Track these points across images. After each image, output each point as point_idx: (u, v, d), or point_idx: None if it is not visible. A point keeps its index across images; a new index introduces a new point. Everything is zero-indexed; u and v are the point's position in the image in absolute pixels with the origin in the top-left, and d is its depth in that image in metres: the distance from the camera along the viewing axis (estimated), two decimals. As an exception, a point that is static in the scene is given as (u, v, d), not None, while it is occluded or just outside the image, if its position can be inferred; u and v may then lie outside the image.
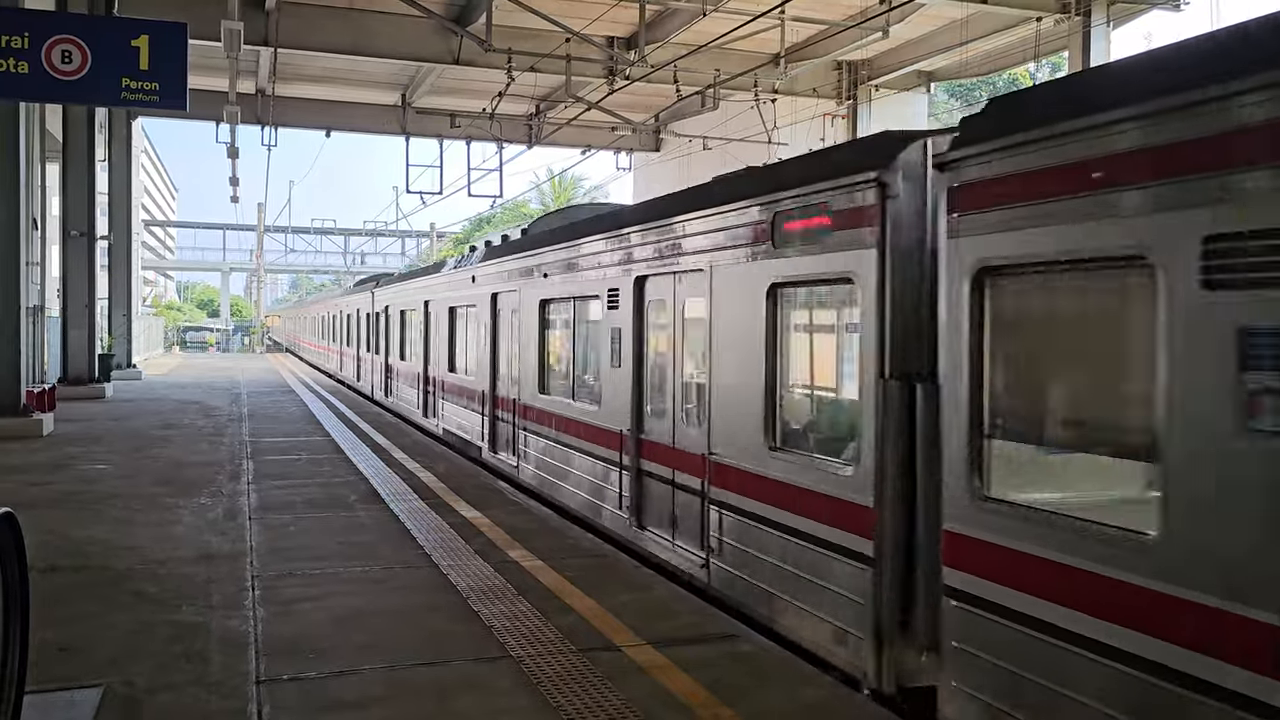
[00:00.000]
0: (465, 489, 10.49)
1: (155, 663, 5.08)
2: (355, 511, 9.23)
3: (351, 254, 77.68)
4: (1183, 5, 18.87)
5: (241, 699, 4.62)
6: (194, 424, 16.88)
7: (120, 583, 6.63)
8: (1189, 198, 3.52)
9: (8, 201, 14.74)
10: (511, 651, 5.31)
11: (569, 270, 10.46)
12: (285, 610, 6.03)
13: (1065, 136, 4.09)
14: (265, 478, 11.07)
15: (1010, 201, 4.38)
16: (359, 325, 27.96)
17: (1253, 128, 3.32)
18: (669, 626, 5.80)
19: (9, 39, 11.64)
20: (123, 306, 29.07)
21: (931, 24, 21.23)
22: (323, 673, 4.98)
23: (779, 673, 5.10)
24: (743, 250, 6.78)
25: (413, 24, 21.14)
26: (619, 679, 4.92)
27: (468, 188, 28.72)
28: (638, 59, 19.45)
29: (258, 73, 25.49)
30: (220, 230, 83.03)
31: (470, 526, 8.55)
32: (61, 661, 5.05)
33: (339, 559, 7.35)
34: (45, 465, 11.94)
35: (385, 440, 14.76)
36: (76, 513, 9.00)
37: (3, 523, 3.57)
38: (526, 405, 11.77)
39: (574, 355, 10.83)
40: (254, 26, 19.96)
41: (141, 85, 12.19)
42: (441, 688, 4.81)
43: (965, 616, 4.55)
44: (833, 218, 5.76)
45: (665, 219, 8.08)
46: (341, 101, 29.04)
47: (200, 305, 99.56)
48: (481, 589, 6.53)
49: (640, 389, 8.61)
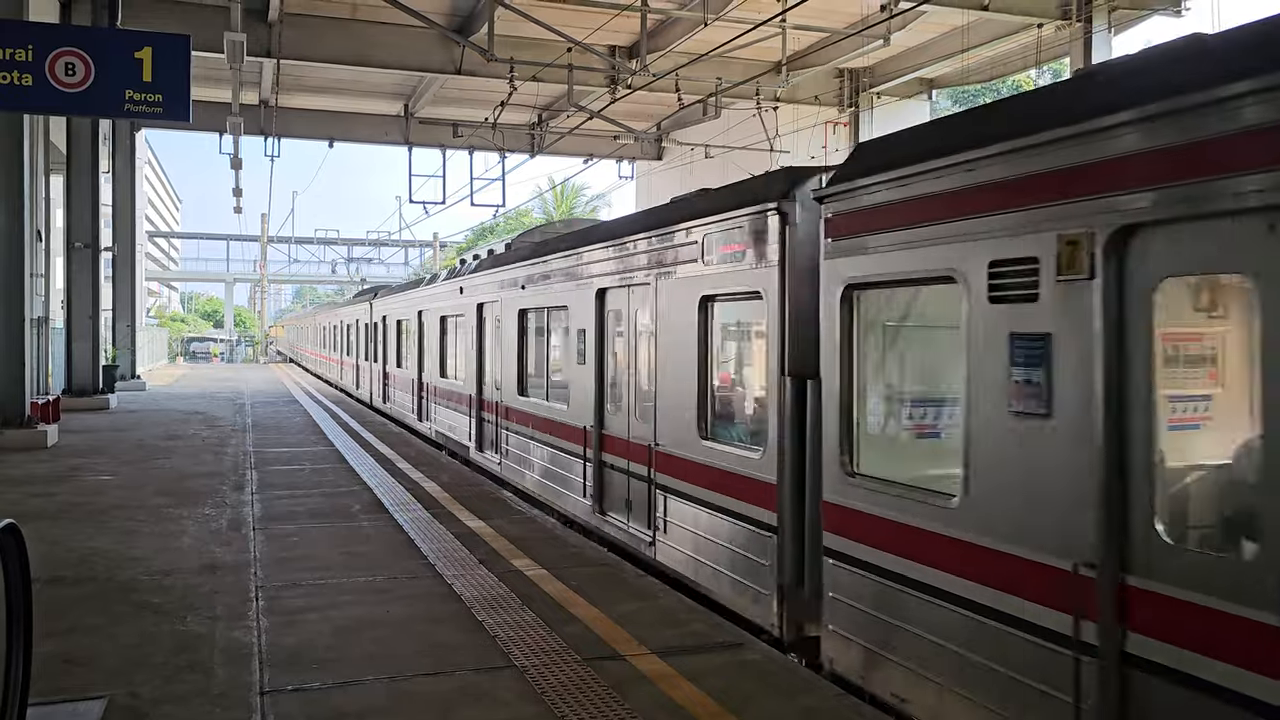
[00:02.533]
0: (468, 499, 10.48)
1: (159, 674, 5.07)
2: (359, 521, 9.22)
3: (354, 263, 77.76)
4: (1184, 10, 18.88)
5: (245, 710, 4.61)
6: (198, 434, 16.89)
7: (124, 594, 6.62)
8: (979, 230, 4.54)
9: (12, 213, 14.77)
10: (516, 661, 5.29)
11: (543, 282, 11.44)
12: (289, 621, 6.02)
13: (895, 181, 5.17)
14: (269, 488, 11.07)
15: (866, 231, 5.40)
16: (358, 335, 28.90)
17: (989, 185, 4.51)
18: (674, 635, 5.78)
19: (13, 51, 11.69)
20: (126, 318, 29.06)
21: (933, 31, 21.23)
22: (326, 683, 4.97)
23: (783, 680, 5.08)
24: (680, 267, 7.86)
25: (415, 34, 21.20)
26: (624, 688, 4.90)
27: (470, 197, 28.80)
28: (639, 68, 19.49)
29: (260, 84, 25.56)
30: (224, 241, 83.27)
31: (474, 536, 8.55)
32: (65, 673, 5.04)
33: (343, 569, 7.34)
34: (49, 476, 11.94)
35: (389, 450, 14.76)
36: (80, 524, 8.99)
37: (6, 534, 3.56)
38: (508, 407, 12.79)
39: (547, 360, 11.82)
40: (256, 38, 20.03)
41: (145, 97, 12.24)
42: (445, 698, 4.79)
43: (838, 572, 5.58)
44: (746, 241, 6.81)
45: (620, 238, 9.10)
46: (344, 112, 29.10)
47: (204, 316, 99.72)
48: (485, 599, 6.52)
49: (601, 390, 9.58)
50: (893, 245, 5.18)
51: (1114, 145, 3.85)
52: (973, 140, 4.62)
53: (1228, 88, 3.40)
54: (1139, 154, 3.75)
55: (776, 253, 6.40)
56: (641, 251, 8.60)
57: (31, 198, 15.44)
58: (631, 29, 20.88)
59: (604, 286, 9.45)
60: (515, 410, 12.45)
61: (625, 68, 21.14)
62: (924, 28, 20.80)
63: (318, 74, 24.55)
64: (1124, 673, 3.81)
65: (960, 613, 4.57)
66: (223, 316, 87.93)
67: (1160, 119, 3.65)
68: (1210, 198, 3.45)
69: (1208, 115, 3.48)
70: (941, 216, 4.81)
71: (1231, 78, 3.40)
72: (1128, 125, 3.79)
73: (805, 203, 6.22)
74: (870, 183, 5.36)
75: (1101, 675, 3.87)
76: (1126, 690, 3.80)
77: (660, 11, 20.04)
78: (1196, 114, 3.52)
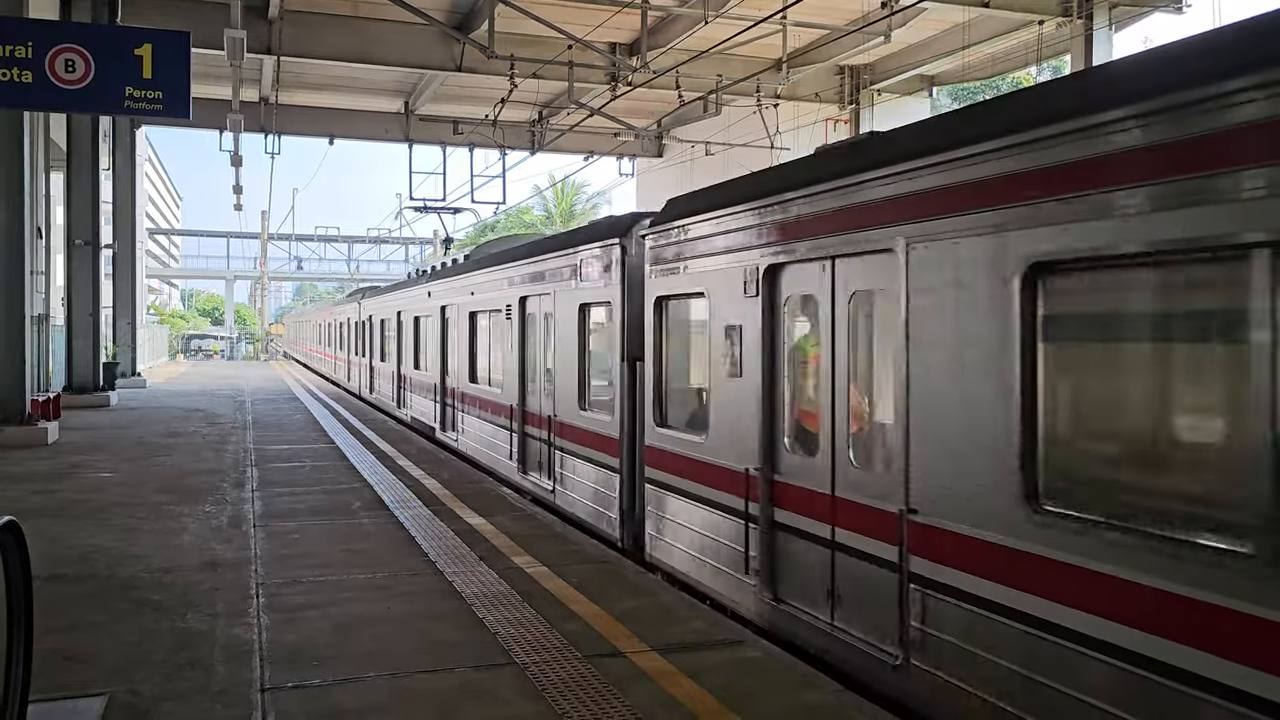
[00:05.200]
0: (469, 496, 10.48)
1: (160, 671, 5.07)
2: (359, 518, 9.22)
3: (354, 261, 77.70)
4: (1184, 7, 18.85)
5: (246, 707, 4.61)
6: (198, 431, 16.89)
7: (125, 591, 6.63)
8: (715, 265, 7.21)
9: (12, 210, 14.77)
10: (516, 658, 5.29)
11: (484, 290, 14.10)
12: (289, 618, 6.02)
13: (678, 229, 7.82)
14: (269, 485, 11.07)
15: (667, 261, 8.08)
16: (349, 332, 31.54)
17: (717, 234, 7.21)
18: (675, 632, 5.78)
19: (13, 48, 11.69)
20: (127, 315, 29.05)
21: (933, 28, 21.22)
22: (327, 681, 4.97)
23: (784, 677, 5.08)
24: (567, 281, 10.53)
25: (415, 31, 21.18)
26: (625, 685, 4.90)
27: (470, 194, 28.77)
28: (640, 65, 19.48)
29: (261, 81, 25.54)
30: (224, 238, 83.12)
31: (474, 533, 8.55)
32: (66, 670, 5.04)
33: (343, 566, 7.35)
34: (50, 473, 11.95)
35: (389, 447, 14.76)
36: (81, 521, 8.99)
37: (7, 531, 3.56)
38: (463, 392, 15.36)
39: (489, 354, 14.24)
40: (257, 35, 20.03)
41: (145, 94, 12.24)
42: (446, 695, 4.79)
43: (652, 491, 8.23)
44: (602, 264, 9.54)
45: (534, 257, 11.78)
46: (344, 109, 29.07)
47: (204, 313, 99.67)
48: (486, 596, 6.52)
49: (523, 375, 12.15)
50: (679, 271, 7.84)
51: (762, 218, 6.52)
52: (716, 204, 7.17)
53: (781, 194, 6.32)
54: (772, 224, 6.42)
55: (618, 273, 9.12)
56: (545, 269, 11.31)
57: (32, 195, 15.44)
58: (632, 26, 20.87)
59: (524, 294, 12.13)
60: (469, 395, 15.01)
61: (626, 65, 21.12)
62: (925, 24, 20.78)
63: (318, 71, 24.53)
64: (772, 533, 6.46)
65: (704, 508, 7.27)
66: (223, 314, 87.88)
67: (768, 209, 6.47)
68: (800, 251, 6.11)
69: (783, 207, 6.33)
70: (699, 254, 7.48)
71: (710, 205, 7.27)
72: (753, 211, 6.63)
73: (636, 239, 8.85)
74: (666, 228, 8.02)
75: (761, 535, 6.52)
76: (774, 543, 6.46)
77: (661, 8, 20.02)
78: (780, 208, 6.35)
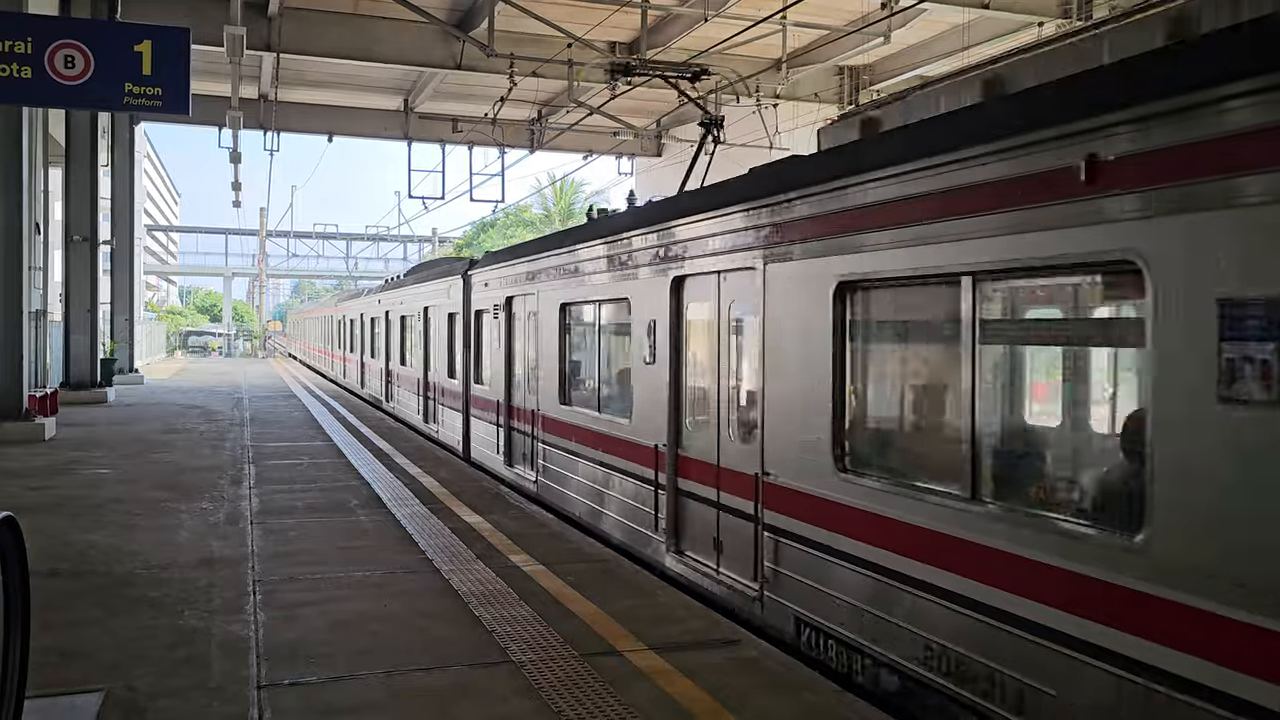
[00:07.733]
0: (467, 494, 10.49)
1: (157, 667, 5.07)
2: (356, 516, 9.22)
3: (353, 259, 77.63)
4: (1184, 10, 18.84)
5: (242, 704, 4.61)
6: (196, 428, 16.89)
7: (122, 587, 6.63)
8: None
9: (10, 206, 14.75)
10: (513, 657, 5.30)
11: (411, 300, 18.91)
12: (286, 615, 6.02)
13: (484, 270, 13.54)
14: (267, 482, 11.07)
15: (482, 289, 13.49)
16: (337, 330, 34.29)
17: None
18: (672, 632, 5.78)
19: (12, 44, 11.67)
20: (125, 311, 29.04)
21: (933, 29, 21.20)
22: (323, 678, 4.97)
23: (781, 678, 5.08)
24: (444, 299, 15.87)
25: (415, 29, 21.17)
26: (621, 684, 4.90)
27: (469, 192, 28.75)
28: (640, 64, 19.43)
29: (260, 78, 25.52)
30: (222, 235, 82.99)
31: (472, 531, 8.55)
32: (62, 666, 5.04)
33: (340, 564, 7.35)
34: (47, 469, 11.94)
35: (387, 445, 14.76)
36: (78, 517, 8.99)
37: (4, 527, 3.56)
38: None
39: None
40: (256, 32, 19.99)
41: (144, 90, 12.23)
42: (441, 693, 4.79)
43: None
44: (455, 290, 14.86)
45: (435, 278, 17.13)
46: (344, 106, 29.06)
47: (202, 310, 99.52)
48: (483, 594, 6.52)
49: (427, 358, 17.16)
50: (489, 297, 12.96)
51: (508, 270, 11.39)
52: (488, 262, 11.18)
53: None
54: (511, 275, 11.05)
55: (461, 295, 14.68)
56: (436, 288, 16.79)
57: (30, 191, 15.42)
58: (632, 25, 20.86)
59: (427, 305, 17.44)
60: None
61: (626, 64, 21.08)
62: (924, 25, 20.77)
63: (317, 68, 24.50)
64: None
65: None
66: (221, 311, 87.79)
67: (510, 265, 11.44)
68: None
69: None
70: (492, 286, 12.19)
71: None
72: (499, 265, 11.52)
73: (470, 274, 14.32)
74: (477, 271, 13.84)
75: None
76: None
77: (661, 8, 20.02)
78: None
